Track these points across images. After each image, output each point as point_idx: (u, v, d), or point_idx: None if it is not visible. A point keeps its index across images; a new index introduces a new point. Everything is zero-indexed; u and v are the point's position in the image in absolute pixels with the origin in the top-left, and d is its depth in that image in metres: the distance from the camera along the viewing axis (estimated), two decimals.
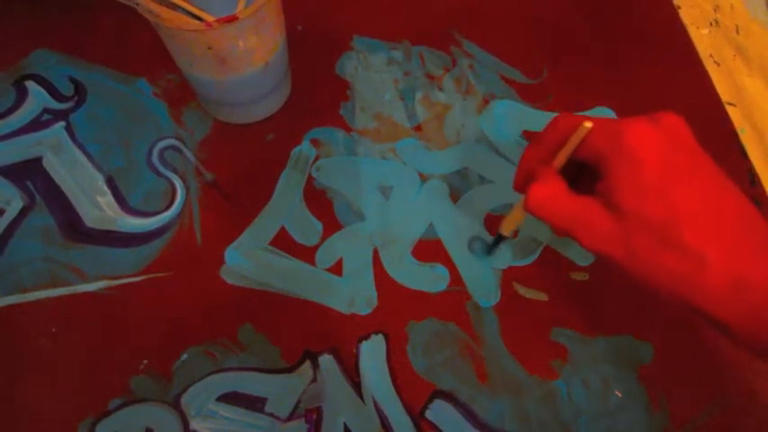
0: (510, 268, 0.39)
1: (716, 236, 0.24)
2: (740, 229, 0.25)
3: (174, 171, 0.41)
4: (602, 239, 0.26)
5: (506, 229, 0.34)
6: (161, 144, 0.41)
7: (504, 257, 0.39)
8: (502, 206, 0.41)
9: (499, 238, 0.36)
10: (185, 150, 0.41)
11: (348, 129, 0.43)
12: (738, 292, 0.24)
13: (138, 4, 0.32)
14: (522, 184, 0.31)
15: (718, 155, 0.27)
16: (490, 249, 0.38)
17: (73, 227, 0.38)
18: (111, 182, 0.40)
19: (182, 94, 0.43)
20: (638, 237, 0.25)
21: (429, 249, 0.39)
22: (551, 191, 0.27)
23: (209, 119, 0.42)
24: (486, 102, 0.44)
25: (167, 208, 0.39)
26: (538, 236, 0.40)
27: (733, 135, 0.44)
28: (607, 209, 0.26)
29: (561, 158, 0.28)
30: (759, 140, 0.44)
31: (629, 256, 0.25)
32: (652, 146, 0.25)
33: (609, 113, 0.44)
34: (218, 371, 0.35)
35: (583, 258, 0.39)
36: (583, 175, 0.30)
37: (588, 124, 0.27)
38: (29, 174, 0.40)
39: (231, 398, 0.34)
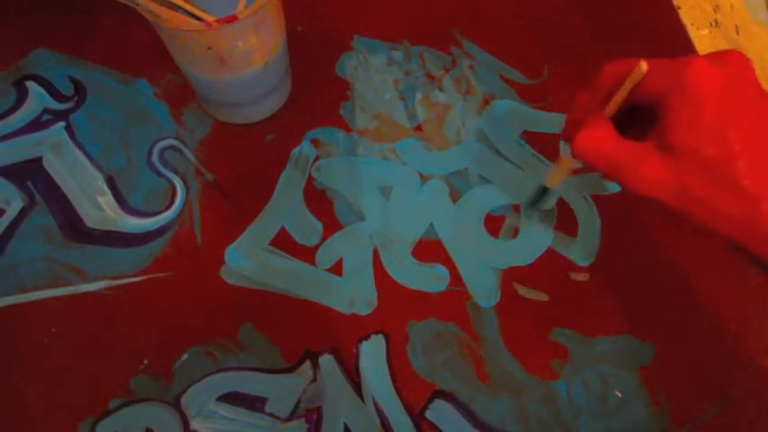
0: (510, 268, 0.39)
1: None
2: None
3: (175, 171, 0.41)
4: (652, 181, 0.25)
5: (552, 181, 0.33)
6: (161, 144, 0.41)
7: (504, 260, 0.39)
8: (502, 206, 0.41)
9: (543, 190, 0.34)
10: (185, 150, 0.41)
11: (348, 129, 0.43)
12: None
13: (138, 5, 0.32)
14: (571, 133, 0.30)
15: None
16: (534, 202, 0.37)
17: (73, 227, 0.38)
18: (111, 182, 0.40)
19: (182, 94, 0.43)
20: (692, 175, 0.24)
21: (429, 249, 0.39)
22: (600, 134, 0.27)
23: (209, 119, 0.42)
24: (487, 102, 0.44)
25: (167, 208, 0.39)
26: (539, 236, 0.40)
27: None
28: (659, 150, 0.25)
29: (614, 104, 0.27)
30: None
31: (681, 196, 0.25)
32: (714, 83, 0.24)
33: None
34: (218, 371, 0.35)
35: (583, 258, 0.39)
36: (635, 124, 0.29)
37: (644, 66, 0.26)
38: (29, 174, 0.40)
39: (231, 398, 0.34)
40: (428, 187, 0.41)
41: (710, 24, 0.50)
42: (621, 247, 0.40)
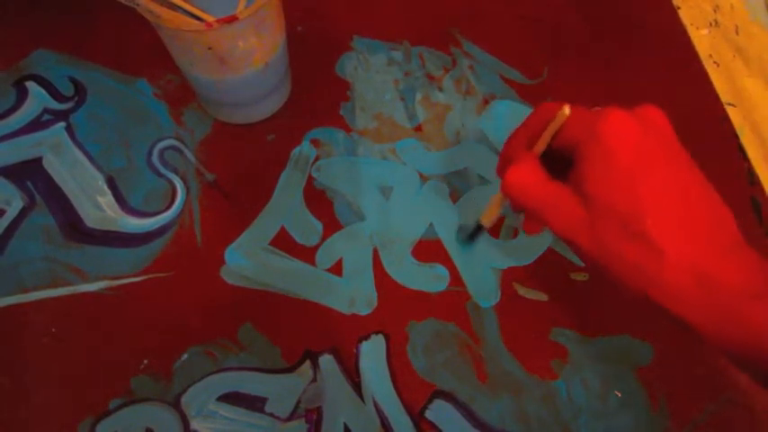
0: (510, 268, 0.39)
1: (680, 230, 0.24)
2: (709, 226, 0.25)
3: (175, 171, 0.41)
4: (570, 225, 0.26)
5: (486, 219, 0.34)
6: (161, 144, 0.41)
7: (504, 260, 0.39)
8: None
9: (478, 228, 0.35)
10: (185, 150, 0.41)
11: (348, 129, 0.43)
12: (702, 289, 0.24)
13: (138, 5, 0.32)
14: (503, 169, 0.31)
15: (717, 155, 0.27)
16: (469, 238, 0.37)
17: (73, 227, 0.38)
18: (111, 182, 0.40)
19: (182, 94, 0.43)
20: (603, 225, 0.25)
21: (429, 249, 0.39)
22: (525, 173, 0.27)
23: (209, 119, 0.42)
24: (486, 102, 0.44)
25: (167, 208, 0.39)
26: (539, 236, 0.40)
27: (732, 135, 0.44)
28: (577, 195, 0.26)
29: (541, 144, 0.28)
30: (758, 141, 0.44)
31: (593, 243, 0.25)
32: (625, 135, 0.25)
33: None
34: (218, 371, 0.35)
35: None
36: (566, 164, 0.30)
37: (567, 111, 0.27)
38: (29, 174, 0.40)
39: (231, 398, 0.34)
40: (428, 187, 0.41)
41: (710, 24, 0.50)
42: None
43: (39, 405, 0.34)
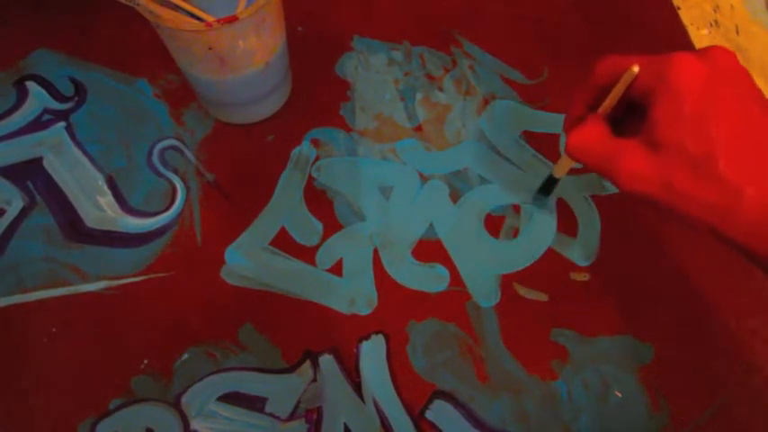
0: (510, 268, 0.39)
1: (754, 169, 0.24)
2: None
3: (175, 171, 0.41)
4: (637, 176, 0.26)
5: (559, 171, 0.35)
6: (161, 144, 0.41)
7: (504, 260, 0.39)
8: (502, 206, 0.41)
9: (551, 180, 0.36)
10: (186, 150, 0.41)
11: (348, 129, 0.43)
12: None
13: (138, 5, 0.32)
14: (568, 129, 0.31)
15: None
16: (542, 191, 0.38)
17: (73, 227, 0.38)
18: (111, 182, 0.40)
19: (182, 94, 0.43)
20: (676, 169, 0.25)
21: (429, 249, 0.39)
22: (589, 133, 0.28)
23: (209, 119, 0.42)
24: (487, 102, 0.44)
25: (168, 208, 0.39)
26: (539, 236, 0.40)
27: None
28: (646, 146, 0.26)
29: (608, 104, 0.28)
30: None
31: (664, 190, 0.25)
32: (695, 78, 0.25)
33: None
34: (218, 371, 0.35)
35: (583, 258, 0.39)
36: (634, 120, 0.29)
37: (636, 68, 0.27)
38: (29, 174, 0.40)
39: (231, 398, 0.34)
40: (428, 187, 0.41)
41: (710, 24, 0.50)
42: (621, 248, 0.40)
43: (39, 405, 0.34)
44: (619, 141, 0.27)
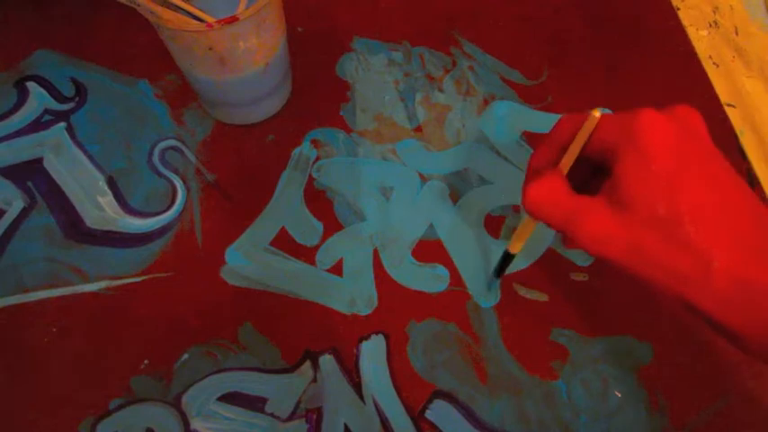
0: (510, 268, 0.39)
1: (725, 235, 0.23)
2: (751, 229, 0.23)
3: (175, 171, 0.41)
4: (603, 237, 0.24)
5: (515, 246, 0.32)
6: (162, 144, 0.41)
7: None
8: (502, 207, 0.41)
9: (507, 257, 0.33)
10: (186, 151, 0.41)
11: (348, 129, 0.43)
12: (746, 295, 0.23)
13: (138, 5, 0.32)
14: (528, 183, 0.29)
15: None
16: (499, 271, 0.35)
17: (74, 227, 0.38)
18: (111, 182, 0.40)
19: (182, 94, 0.43)
20: (642, 232, 0.24)
21: (429, 250, 0.39)
22: (548, 187, 0.26)
23: (209, 119, 0.43)
24: (487, 103, 0.45)
25: (168, 208, 0.39)
26: (539, 236, 0.40)
27: (732, 136, 0.44)
28: (610, 205, 0.24)
29: (569, 157, 0.27)
30: (758, 142, 0.44)
31: (630, 253, 0.24)
32: (663, 135, 0.24)
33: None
34: (218, 371, 0.35)
35: (583, 259, 0.39)
36: (594, 181, 0.29)
37: (597, 113, 0.26)
38: (30, 174, 0.40)
39: (232, 398, 0.34)
40: (428, 188, 0.41)
41: (709, 25, 0.50)
42: None
43: (39, 405, 0.34)
44: (582, 198, 0.26)
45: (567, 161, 0.27)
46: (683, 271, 0.23)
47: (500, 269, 0.35)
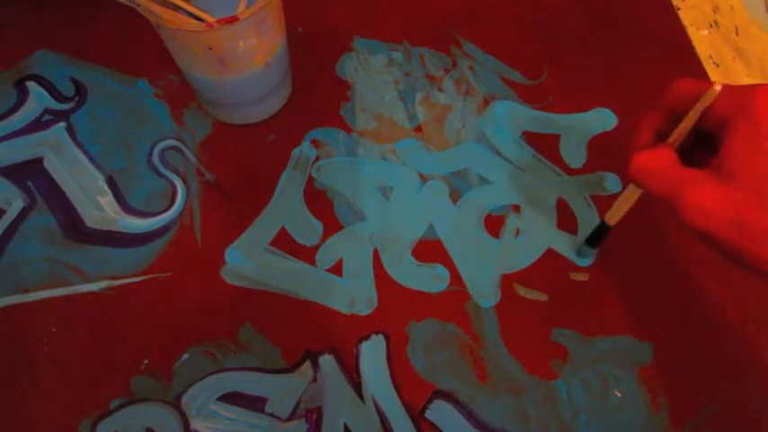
0: (510, 268, 0.39)
1: None
2: None
3: (175, 171, 0.41)
4: (707, 209, 0.24)
5: (613, 217, 0.32)
6: (162, 144, 0.41)
7: (504, 260, 0.39)
8: (502, 207, 0.41)
9: (603, 229, 0.33)
10: (186, 151, 0.41)
11: (348, 129, 0.43)
12: None
13: (138, 5, 0.32)
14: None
15: None
16: (595, 241, 0.36)
17: (74, 227, 0.38)
18: (111, 182, 0.40)
19: (182, 94, 0.43)
20: (750, 205, 0.23)
21: (429, 250, 0.39)
22: (657, 156, 0.26)
23: (209, 119, 0.43)
24: (487, 103, 0.45)
25: (168, 208, 0.39)
26: (539, 236, 0.40)
27: None
28: (718, 179, 0.24)
29: (682, 129, 0.26)
30: None
31: (734, 227, 0.24)
32: None
33: (608, 114, 0.44)
34: (218, 371, 0.35)
35: (583, 259, 0.39)
36: (702, 153, 0.28)
37: (718, 87, 0.25)
38: (30, 174, 0.40)
39: (231, 398, 0.34)
40: (428, 188, 0.41)
41: (710, 25, 0.50)
42: (621, 247, 0.40)
43: (39, 405, 0.34)
44: (688, 170, 0.25)
45: (680, 134, 0.27)
46: None
47: (594, 239, 0.35)
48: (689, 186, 0.25)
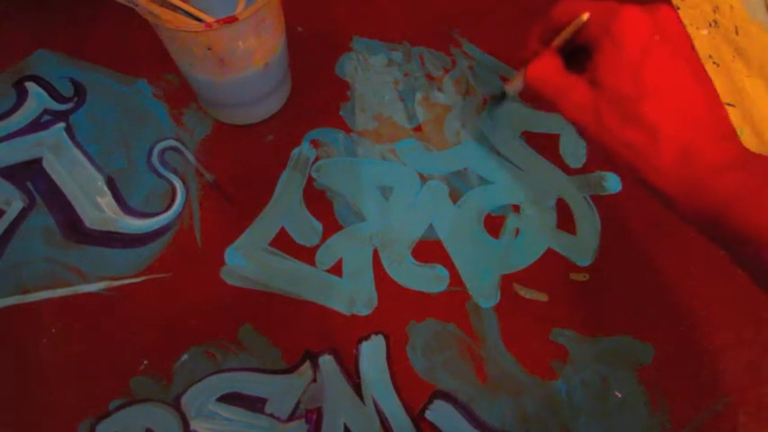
0: (510, 268, 0.39)
1: (675, 113, 0.27)
2: (705, 116, 0.27)
3: (175, 172, 0.41)
4: (579, 109, 0.29)
5: (511, 88, 0.36)
6: (161, 145, 0.41)
7: (504, 260, 0.39)
8: (502, 207, 0.41)
9: (502, 96, 0.38)
10: (185, 151, 0.41)
11: (348, 129, 0.43)
12: (686, 165, 0.26)
13: (137, 6, 0.32)
14: (525, 59, 0.34)
15: None
16: (494, 104, 0.41)
17: (73, 228, 0.38)
18: (111, 183, 0.40)
19: (182, 94, 0.43)
20: (607, 108, 0.28)
21: (429, 250, 0.39)
22: (547, 66, 0.31)
23: (209, 120, 0.42)
24: (486, 102, 0.44)
25: (167, 209, 0.39)
26: (539, 236, 0.40)
27: None
28: (589, 84, 0.29)
29: (557, 43, 0.31)
30: (758, 141, 0.44)
31: (597, 125, 0.28)
32: (637, 29, 0.27)
33: None
34: (218, 371, 0.35)
35: (583, 259, 0.39)
36: (581, 54, 0.32)
37: (585, 16, 0.29)
38: (29, 174, 0.40)
39: (231, 398, 0.34)
40: (428, 188, 0.41)
41: (710, 25, 0.50)
42: (621, 247, 0.40)
43: (39, 405, 0.34)
44: (570, 76, 0.30)
45: (556, 45, 0.31)
46: (635, 143, 0.27)
47: (495, 102, 0.41)
48: (569, 90, 0.30)
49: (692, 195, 0.26)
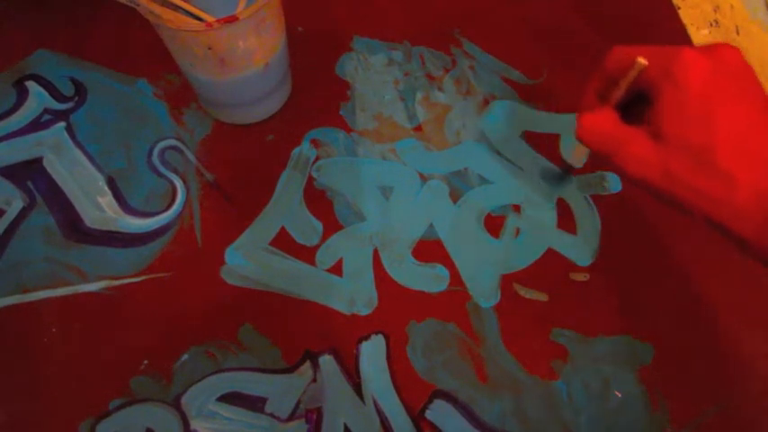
0: (510, 268, 0.39)
1: (749, 160, 0.25)
2: None
3: (175, 171, 0.41)
4: (642, 162, 0.28)
5: (576, 159, 0.35)
6: (161, 144, 0.41)
7: (504, 260, 0.39)
8: (502, 206, 0.41)
9: (568, 169, 0.36)
10: (186, 151, 0.41)
11: (348, 129, 0.43)
12: (761, 204, 0.25)
13: (138, 5, 0.32)
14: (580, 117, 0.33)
15: None
16: (559, 180, 0.39)
17: (73, 227, 0.38)
18: (111, 182, 0.40)
19: (182, 94, 0.43)
20: (676, 159, 0.26)
21: (429, 249, 0.39)
22: (600, 118, 0.29)
23: (209, 119, 0.42)
24: (487, 102, 0.44)
25: (168, 208, 0.39)
26: (539, 236, 0.40)
27: None
28: (651, 135, 0.27)
29: (616, 96, 0.30)
30: None
31: (665, 178, 0.27)
32: (699, 73, 0.26)
33: None
34: (218, 371, 0.35)
35: (583, 259, 0.39)
36: (641, 104, 0.31)
37: (642, 61, 0.28)
38: (29, 174, 0.40)
39: (231, 398, 0.34)
40: (428, 187, 0.41)
41: (710, 24, 0.50)
42: (621, 247, 0.40)
43: (39, 405, 0.34)
44: (627, 128, 0.28)
45: (615, 98, 0.30)
46: (710, 192, 0.26)
47: (559, 179, 0.39)
48: (627, 144, 0.28)
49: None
